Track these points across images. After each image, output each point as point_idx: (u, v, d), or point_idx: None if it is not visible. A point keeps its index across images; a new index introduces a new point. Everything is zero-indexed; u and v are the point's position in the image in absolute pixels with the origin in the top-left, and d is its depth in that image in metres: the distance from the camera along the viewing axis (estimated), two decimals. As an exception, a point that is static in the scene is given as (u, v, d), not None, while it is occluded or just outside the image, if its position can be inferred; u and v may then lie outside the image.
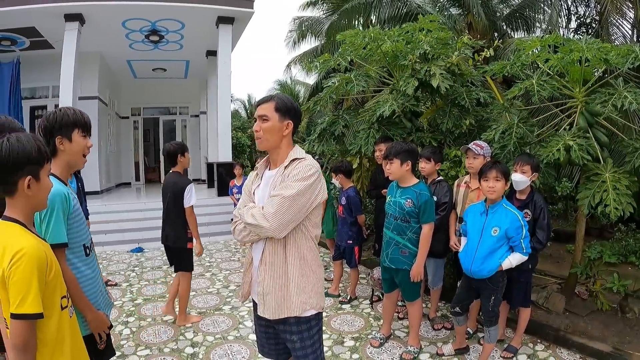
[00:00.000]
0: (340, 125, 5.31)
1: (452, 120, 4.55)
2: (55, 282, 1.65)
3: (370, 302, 4.79)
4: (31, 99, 12.45)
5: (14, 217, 1.63)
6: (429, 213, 3.34)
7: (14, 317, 1.50)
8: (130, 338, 4.11)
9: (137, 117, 16.40)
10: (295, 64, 15.27)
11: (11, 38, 10.74)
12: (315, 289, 2.13)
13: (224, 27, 10.08)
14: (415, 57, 4.52)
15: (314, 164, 2.07)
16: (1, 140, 1.59)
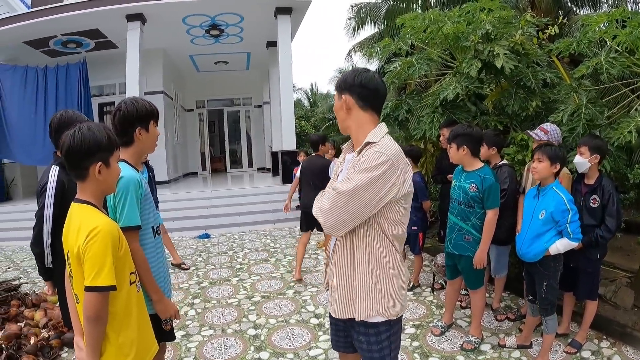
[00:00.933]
0: (404, 110, 5.22)
1: (517, 102, 4.33)
2: (125, 258, 1.77)
3: (432, 290, 4.71)
4: (99, 96, 13.23)
5: (86, 200, 1.75)
6: (494, 198, 3.22)
7: (88, 289, 1.60)
8: (195, 319, 4.30)
9: (201, 109, 17.00)
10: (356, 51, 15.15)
11: (77, 41, 11.43)
12: (389, 294, 1.82)
13: (282, 17, 10.17)
14: (477, 37, 4.35)
15: (385, 151, 1.70)
16: (73, 129, 1.71)
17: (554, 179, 3.05)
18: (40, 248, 2.63)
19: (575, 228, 2.93)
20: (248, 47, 13.24)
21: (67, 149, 1.69)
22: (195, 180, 14.60)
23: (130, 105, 2.18)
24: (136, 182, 2.08)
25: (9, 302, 4.89)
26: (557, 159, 3.00)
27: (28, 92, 10.64)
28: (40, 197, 2.64)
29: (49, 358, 3.63)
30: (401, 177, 1.72)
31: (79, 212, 1.73)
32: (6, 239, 8.90)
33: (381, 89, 1.86)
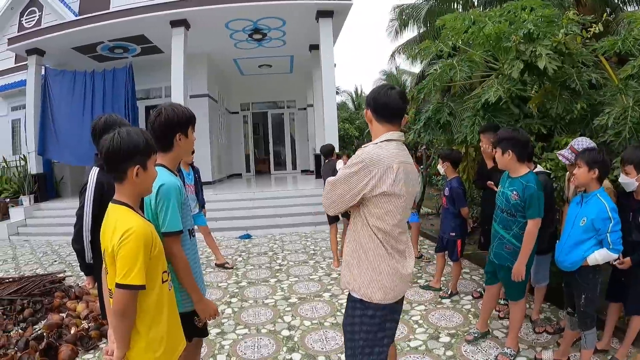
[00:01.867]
0: (446, 113, 5.13)
1: (562, 104, 4.14)
2: (159, 258, 1.84)
3: (474, 297, 4.59)
4: (146, 99, 13.69)
5: (123, 201, 1.83)
6: (535, 207, 3.06)
7: (118, 286, 1.69)
8: (231, 317, 4.39)
9: (246, 112, 17.33)
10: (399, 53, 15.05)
11: (123, 46, 11.88)
12: (368, 277, 2.05)
13: (324, 20, 10.20)
14: (519, 37, 4.20)
15: (362, 154, 1.99)
16: (113, 133, 1.78)
17: (598, 185, 2.88)
18: (80, 245, 2.77)
19: (615, 238, 2.77)
20: (291, 51, 13.37)
21: (106, 152, 1.76)
22: (239, 181, 14.87)
23: (170, 111, 2.23)
24: (177, 188, 2.15)
25: (53, 293, 5.15)
26: (595, 163, 2.84)
27: (76, 96, 11.20)
28: (81, 197, 2.77)
29: (87, 348, 3.80)
30: (376, 178, 1.96)
31: (115, 212, 1.80)
32: (54, 234, 9.42)
33: (391, 103, 2.12)
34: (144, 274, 1.70)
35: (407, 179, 2.07)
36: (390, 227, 2.05)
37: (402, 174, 2.01)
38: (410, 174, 2.10)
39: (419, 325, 3.98)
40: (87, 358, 3.66)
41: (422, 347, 3.55)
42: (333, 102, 10.51)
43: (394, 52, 15.12)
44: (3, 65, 14.47)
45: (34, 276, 5.88)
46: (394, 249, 2.08)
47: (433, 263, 5.78)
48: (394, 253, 2.08)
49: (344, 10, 10.41)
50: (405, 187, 2.05)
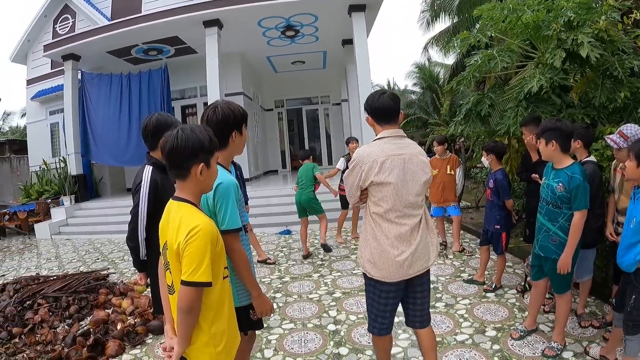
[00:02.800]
0: (486, 105, 5.07)
1: (605, 93, 4.03)
2: (221, 254, 1.86)
3: (518, 291, 4.55)
4: (181, 99, 14.03)
5: (186, 198, 1.84)
6: (581, 199, 3.01)
7: (185, 284, 1.69)
8: (277, 312, 4.49)
9: (280, 108, 17.49)
10: (431, 45, 14.85)
11: (157, 48, 12.15)
12: (367, 255, 2.53)
13: (356, 14, 10.14)
14: (559, 25, 4.13)
15: (355, 154, 2.52)
16: (177, 130, 1.79)
17: None
18: (135, 242, 2.85)
19: None
20: (324, 46, 13.37)
21: (169, 150, 1.77)
22: (276, 177, 15.05)
23: (227, 109, 2.27)
24: (235, 185, 2.17)
25: (97, 290, 5.27)
26: None
27: (112, 99, 11.55)
28: (135, 195, 2.83)
29: (134, 343, 3.89)
30: (365, 171, 2.43)
31: (179, 209, 1.80)
32: (95, 232, 9.82)
33: (384, 106, 2.53)
34: (210, 271, 1.72)
35: (397, 168, 2.41)
36: (383, 210, 2.44)
37: (388, 165, 2.40)
38: (407, 163, 2.44)
39: (465, 319, 3.99)
40: (135, 353, 3.78)
41: (468, 341, 3.57)
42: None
43: (426, 43, 14.93)
44: (39, 72, 15.11)
45: (77, 274, 6.01)
46: (388, 232, 2.45)
47: (475, 257, 5.77)
48: (388, 236, 2.45)
49: (376, 4, 10.34)
50: (394, 175, 2.40)
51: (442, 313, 4.16)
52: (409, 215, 2.46)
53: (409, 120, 20.61)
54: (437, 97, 18.94)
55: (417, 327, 2.76)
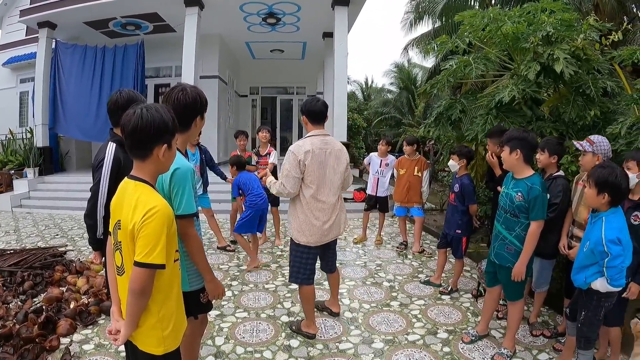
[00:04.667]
0: (458, 110, 5.10)
1: (575, 110, 4.12)
2: (173, 237, 1.80)
3: (473, 295, 4.61)
4: (156, 77, 13.70)
5: (143, 178, 1.77)
6: (539, 209, 3.05)
7: (139, 265, 1.64)
8: (232, 300, 4.44)
9: (255, 95, 17.33)
10: (412, 46, 14.92)
11: (136, 23, 11.81)
12: (295, 224, 3.45)
13: (339, 8, 10.08)
14: (537, 39, 4.18)
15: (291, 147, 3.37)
16: (141, 109, 1.72)
17: (607, 207, 2.67)
18: (93, 220, 2.75)
19: (614, 274, 2.56)
20: (304, 37, 13.26)
21: (133, 128, 1.70)
22: (245, 164, 14.79)
23: (194, 93, 2.27)
24: (192, 171, 2.19)
25: (54, 267, 5.14)
26: (606, 187, 2.60)
27: (86, 71, 11.25)
28: (97, 172, 2.74)
29: (86, 323, 3.80)
30: (297, 159, 3.28)
31: (136, 189, 1.75)
32: (57, 208, 9.48)
33: (317, 110, 3.45)
34: (164, 253, 1.67)
35: (318, 159, 3.33)
36: (313, 191, 3.36)
37: (310, 155, 3.29)
38: (329, 155, 3.39)
39: (418, 319, 4.02)
40: (86, 333, 3.67)
41: (420, 341, 3.59)
42: (344, 91, 10.44)
43: (407, 45, 15.00)
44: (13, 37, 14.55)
45: (35, 249, 5.87)
46: (312, 207, 3.38)
47: (434, 259, 5.81)
48: (312, 210, 3.39)
49: (360, 0, 10.31)
50: (316, 165, 3.32)
51: (396, 312, 4.18)
52: (329, 195, 3.41)
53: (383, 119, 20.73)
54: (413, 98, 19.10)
55: (327, 272, 3.93)
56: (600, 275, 2.66)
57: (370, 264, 5.74)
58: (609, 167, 2.66)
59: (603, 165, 2.77)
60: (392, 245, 6.68)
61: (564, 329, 3.39)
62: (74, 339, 3.55)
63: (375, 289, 4.79)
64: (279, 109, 17.37)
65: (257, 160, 6.66)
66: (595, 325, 2.81)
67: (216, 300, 4.27)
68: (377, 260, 5.92)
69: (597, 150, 3.20)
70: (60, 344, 3.42)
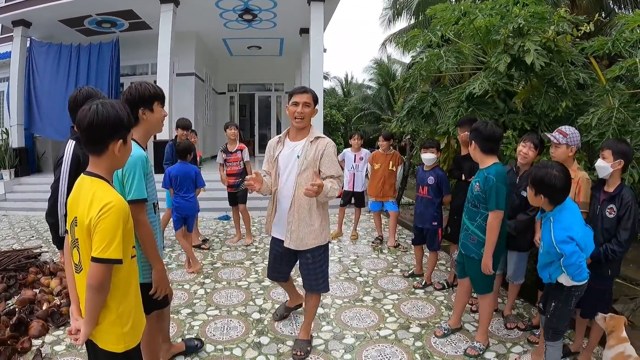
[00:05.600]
0: (429, 104, 5.04)
1: (547, 102, 4.08)
2: (130, 232, 1.79)
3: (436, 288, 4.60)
4: (132, 75, 13.43)
5: (99, 174, 1.77)
6: (493, 199, 3.02)
7: (96, 260, 1.63)
8: (203, 298, 4.36)
9: (233, 93, 17.17)
10: (390, 42, 14.94)
11: (111, 20, 11.60)
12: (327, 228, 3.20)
13: (315, 4, 10.02)
14: (507, 31, 4.15)
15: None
16: (96, 104, 1.72)
17: (550, 206, 2.68)
18: (55, 218, 2.72)
19: (574, 271, 2.55)
20: (281, 33, 13.17)
21: (89, 124, 1.69)
22: (223, 162, 14.64)
23: (134, 89, 2.42)
24: (143, 159, 2.32)
25: (28, 268, 5.09)
26: (541, 188, 2.64)
27: (61, 70, 11.06)
28: (57, 170, 2.72)
29: (57, 324, 3.73)
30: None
31: (92, 185, 1.74)
32: (33, 209, 9.22)
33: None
34: (121, 248, 1.67)
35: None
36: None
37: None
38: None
39: (391, 314, 3.97)
40: (58, 334, 3.58)
41: (391, 336, 3.54)
42: (320, 88, 10.35)
43: (385, 41, 15.02)
44: (-12, 37, 14.07)
45: (9, 251, 5.83)
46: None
47: (410, 253, 5.80)
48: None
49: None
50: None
51: (369, 307, 4.13)
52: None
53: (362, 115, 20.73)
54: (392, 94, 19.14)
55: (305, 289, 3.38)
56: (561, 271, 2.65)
57: (345, 259, 5.69)
58: (544, 168, 2.66)
59: (539, 165, 2.78)
60: (367, 240, 6.65)
61: (539, 321, 3.38)
62: (45, 340, 3.47)
63: (349, 284, 4.73)
64: (258, 106, 17.20)
65: (225, 158, 6.35)
66: (565, 316, 2.79)
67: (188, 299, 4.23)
68: (352, 255, 5.87)
69: (570, 142, 3.18)
70: (32, 346, 3.36)
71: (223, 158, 6.36)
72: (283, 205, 3.14)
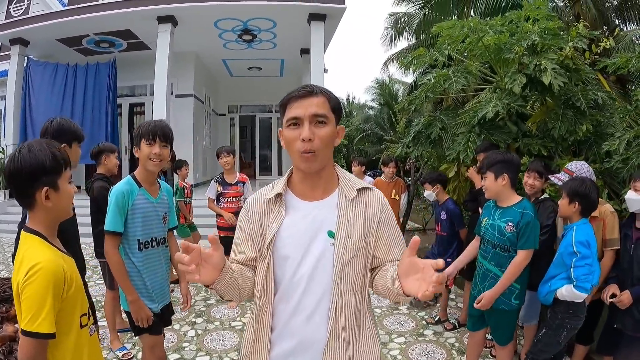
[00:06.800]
0: (437, 128, 4.76)
1: (565, 124, 3.76)
2: (76, 298, 1.53)
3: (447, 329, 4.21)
4: (131, 96, 13.29)
5: (34, 229, 1.55)
6: (529, 237, 2.66)
7: (23, 333, 1.41)
8: (194, 341, 3.99)
9: (234, 114, 16.95)
10: (392, 62, 14.73)
11: (109, 40, 11.46)
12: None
13: (315, 24, 9.86)
14: (522, 49, 3.84)
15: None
16: (19, 149, 1.53)
17: (579, 217, 2.71)
18: None
19: (580, 274, 2.53)
20: (282, 54, 13.02)
21: (8, 175, 1.51)
22: (223, 185, 14.36)
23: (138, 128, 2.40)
24: (120, 193, 2.33)
25: (12, 301, 4.68)
26: (576, 196, 2.69)
27: (56, 90, 10.90)
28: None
29: None
30: None
31: (25, 242, 1.52)
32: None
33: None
34: (53, 319, 1.40)
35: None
36: None
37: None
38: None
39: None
40: None
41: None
42: (322, 108, 10.12)
43: (386, 60, 14.82)
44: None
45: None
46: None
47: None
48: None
49: (337, 14, 10.06)
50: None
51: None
52: None
53: (364, 136, 20.50)
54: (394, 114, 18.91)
55: None
56: (567, 282, 2.62)
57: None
58: (580, 179, 2.79)
59: (574, 178, 2.87)
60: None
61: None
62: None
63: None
64: (258, 128, 16.97)
65: (222, 192, 4.95)
66: (551, 346, 2.76)
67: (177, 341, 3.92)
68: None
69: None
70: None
71: (217, 191, 4.96)
72: (302, 333, 1.45)
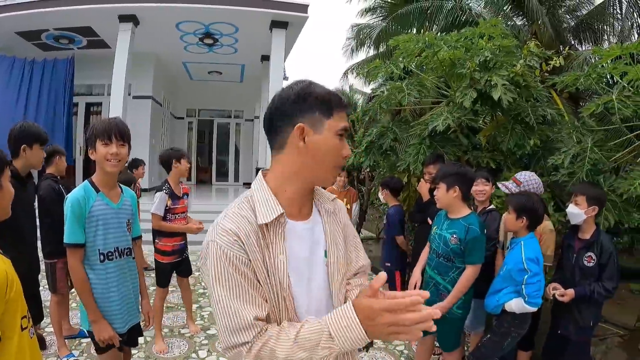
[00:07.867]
0: (389, 139, 4.80)
1: (514, 139, 3.91)
2: (16, 301, 1.43)
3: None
4: (88, 95, 12.91)
5: None
6: (476, 253, 2.74)
7: None
8: (143, 349, 3.84)
9: (192, 118, 16.71)
10: (352, 72, 14.92)
11: (69, 37, 11.18)
12: None
13: (277, 31, 9.92)
14: (474, 65, 3.97)
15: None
16: None
17: (526, 232, 2.75)
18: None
19: (532, 291, 2.59)
20: (242, 59, 12.96)
21: None
22: (178, 190, 14.08)
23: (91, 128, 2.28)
24: (76, 200, 2.15)
25: None
26: (523, 211, 2.72)
27: (11, 84, 10.45)
28: None
29: None
30: None
31: None
32: None
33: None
34: None
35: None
36: None
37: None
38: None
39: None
40: None
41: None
42: (279, 116, 10.13)
43: (346, 70, 15.00)
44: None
45: None
46: None
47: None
48: None
49: (299, 23, 10.13)
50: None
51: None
52: None
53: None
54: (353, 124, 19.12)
55: None
56: (516, 295, 2.66)
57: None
58: (526, 194, 2.84)
59: (521, 192, 2.92)
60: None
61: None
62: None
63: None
64: (216, 133, 16.77)
65: (170, 207, 4.08)
66: (494, 351, 2.80)
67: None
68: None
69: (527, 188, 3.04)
70: None
71: (167, 206, 4.06)
72: None
